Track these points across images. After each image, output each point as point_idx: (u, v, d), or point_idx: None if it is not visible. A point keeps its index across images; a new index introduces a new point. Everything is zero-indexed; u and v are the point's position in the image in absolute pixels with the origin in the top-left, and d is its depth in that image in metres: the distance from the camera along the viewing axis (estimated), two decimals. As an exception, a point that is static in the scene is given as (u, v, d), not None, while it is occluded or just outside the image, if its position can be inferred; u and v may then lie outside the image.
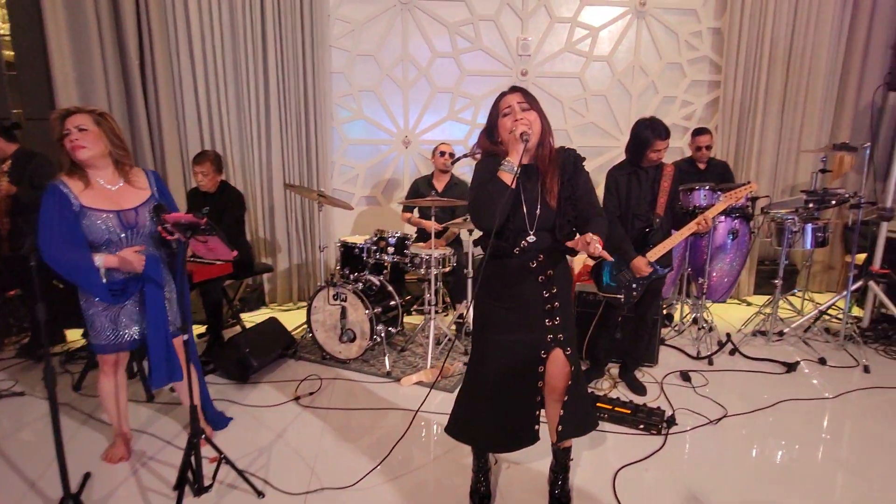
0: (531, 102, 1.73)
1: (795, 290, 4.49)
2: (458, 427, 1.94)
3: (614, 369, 3.16)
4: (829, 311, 3.97)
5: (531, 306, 1.78)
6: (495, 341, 1.81)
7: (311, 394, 2.91)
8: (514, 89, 1.76)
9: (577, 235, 1.70)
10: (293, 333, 3.55)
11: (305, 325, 3.47)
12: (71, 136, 1.88)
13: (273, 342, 3.29)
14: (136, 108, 3.96)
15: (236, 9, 4.02)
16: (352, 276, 3.45)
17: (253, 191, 4.32)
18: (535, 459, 2.24)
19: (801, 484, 2.17)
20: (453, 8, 4.47)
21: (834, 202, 3.54)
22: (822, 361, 3.38)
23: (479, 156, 1.88)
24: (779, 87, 4.64)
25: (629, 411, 2.63)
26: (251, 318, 4.06)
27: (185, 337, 1.91)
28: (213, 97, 4.14)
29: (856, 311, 4.07)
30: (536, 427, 1.84)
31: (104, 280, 1.93)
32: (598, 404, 2.70)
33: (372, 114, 4.58)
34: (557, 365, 1.79)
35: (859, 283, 3.72)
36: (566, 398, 1.81)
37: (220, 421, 2.54)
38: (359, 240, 3.58)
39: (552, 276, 1.77)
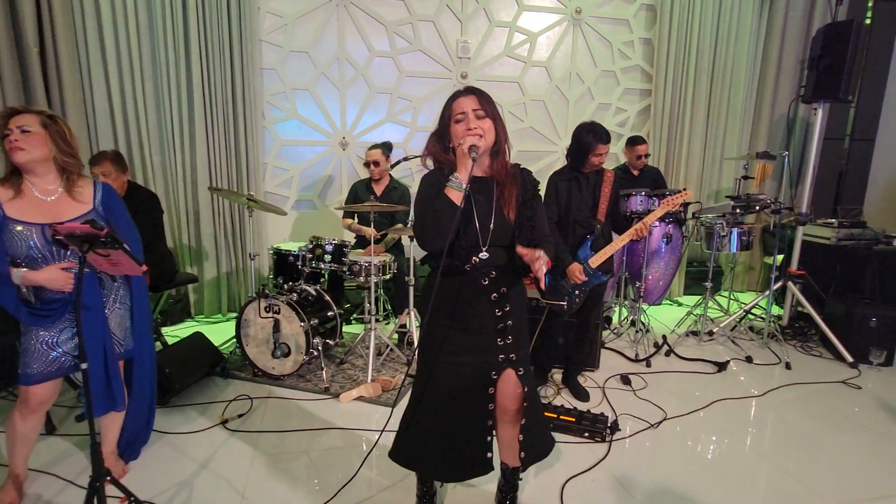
0: (487, 109, 1.60)
1: (722, 291, 4.73)
2: (402, 453, 1.80)
3: (557, 375, 3.16)
4: (753, 311, 4.19)
5: (483, 326, 1.67)
6: (444, 362, 1.69)
7: (240, 416, 2.68)
8: (469, 91, 1.62)
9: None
10: (221, 349, 3.29)
11: (235, 340, 3.22)
12: (11, 136, 1.71)
13: (198, 360, 3.02)
14: (35, 102, 3.53)
15: (153, -4, 3.70)
16: (286, 286, 3.24)
17: (175, 194, 3.99)
18: (486, 480, 2.15)
19: (732, 479, 2.23)
20: (391, 7, 4.34)
21: (758, 207, 3.73)
22: (749, 360, 3.55)
23: (428, 162, 1.74)
24: (704, 97, 4.87)
25: (574, 419, 2.61)
26: (175, 333, 3.73)
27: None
28: (129, 91, 3.78)
29: (775, 310, 4.32)
30: (489, 455, 1.71)
31: (32, 299, 1.77)
32: (545, 413, 2.66)
33: (307, 113, 4.36)
34: (509, 386, 1.69)
35: (779, 284, 3.95)
36: (524, 422, 1.72)
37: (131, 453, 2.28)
38: (293, 247, 3.37)
39: (505, 294, 1.67)
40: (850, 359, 3.50)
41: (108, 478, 1.70)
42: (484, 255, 1.63)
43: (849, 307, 3.60)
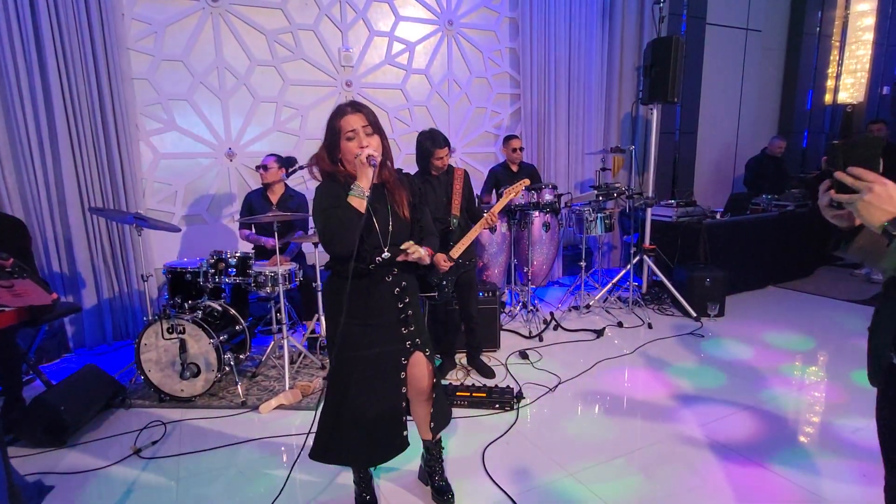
0: (374, 126, 1.76)
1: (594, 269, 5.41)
2: (325, 450, 1.91)
3: (463, 358, 3.45)
4: (619, 283, 4.88)
5: (388, 318, 1.85)
6: (355, 358, 1.83)
7: (154, 442, 2.58)
8: (355, 109, 1.76)
9: None
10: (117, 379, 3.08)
11: (131, 368, 3.04)
12: None
13: (94, 393, 2.81)
14: None
15: (-8, -2, 3.30)
16: (187, 305, 3.13)
17: (39, 219, 3.58)
18: (407, 461, 2.31)
19: (618, 423, 2.70)
20: (270, 15, 4.31)
21: (616, 194, 4.36)
22: (620, 325, 4.17)
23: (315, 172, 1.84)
24: (564, 100, 5.51)
25: (484, 394, 2.92)
26: (56, 371, 3.38)
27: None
28: (-33, 106, 3.34)
29: (636, 280, 5.07)
30: (405, 433, 1.90)
31: None
32: (458, 393, 2.93)
33: (187, 125, 4.16)
34: (420, 367, 1.91)
35: (637, 258, 4.66)
36: (434, 395, 1.96)
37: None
38: (190, 264, 3.26)
39: (405, 287, 1.88)
40: (693, 314, 4.27)
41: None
42: (386, 254, 1.80)
43: (689, 272, 4.38)
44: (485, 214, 2.91)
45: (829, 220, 1.11)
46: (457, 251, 2.88)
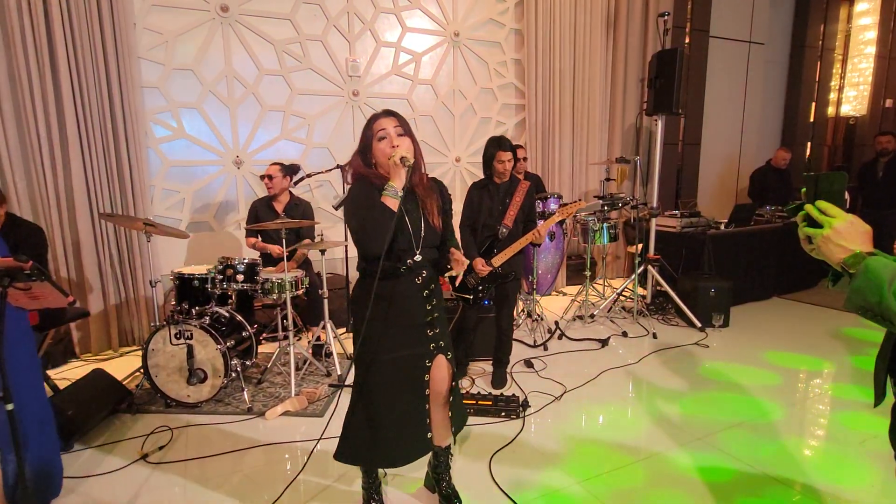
0: (405, 128, 1.82)
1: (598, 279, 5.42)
2: (350, 451, 1.93)
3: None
4: (623, 293, 4.89)
5: (415, 320, 1.87)
6: (382, 360, 1.85)
7: (161, 448, 2.58)
8: (388, 113, 1.83)
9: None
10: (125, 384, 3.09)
11: (138, 374, 3.05)
12: None
13: (101, 398, 2.82)
14: None
15: (7, 6, 3.35)
16: (194, 311, 3.14)
17: (49, 223, 3.61)
18: (413, 468, 2.28)
19: (622, 431, 2.69)
20: (278, 25, 4.37)
21: (621, 204, 4.38)
22: (625, 334, 4.17)
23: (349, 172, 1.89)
24: (569, 110, 5.56)
25: (490, 402, 2.92)
26: (63, 376, 3.40)
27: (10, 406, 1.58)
28: (-19, 112, 3.38)
29: (640, 291, 5.07)
30: (429, 435, 1.92)
31: None
32: (464, 401, 2.93)
33: (196, 132, 4.21)
34: (441, 369, 1.92)
35: (641, 268, 4.66)
36: (451, 399, 1.97)
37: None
38: (196, 270, 3.28)
39: (434, 290, 1.91)
40: (698, 324, 4.26)
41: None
42: (418, 257, 1.84)
43: (693, 282, 4.39)
44: (535, 229, 2.98)
45: (809, 253, 1.06)
46: (499, 260, 2.94)
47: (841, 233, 0.96)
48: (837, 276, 1.03)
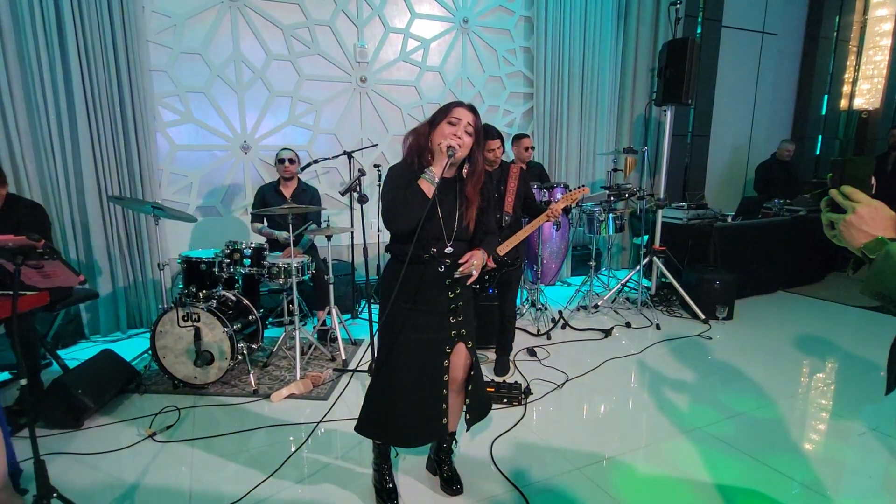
0: (476, 128, 1.80)
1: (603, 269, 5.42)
2: (369, 425, 1.99)
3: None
4: (628, 284, 4.88)
5: (439, 307, 1.90)
6: (404, 341, 1.89)
7: (168, 427, 2.63)
8: (471, 108, 1.82)
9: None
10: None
11: (146, 355, 3.09)
12: None
13: (110, 377, 2.87)
14: None
15: (17, -11, 3.36)
16: (201, 294, 3.18)
17: (59, 205, 3.65)
18: (415, 450, 2.35)
19: (623, 421, 2.71)
20: (287, 10, 4.36)
21: (628, 195, 4.37)
22: (628, 325, 4.18)
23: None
24: (577, 100, 5.52)
25: (493, 389, 2.94)
26: (72, 356, 3.45)
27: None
28: (-8, 94, 3.40)
29: (645, 282, 5.07)
30: (445, 420, 1.95)
31: None
32: (467, 387, 2.96)
33: (204, 117, 4.22)
34: (460, 357, 1.95)
35: (646, 260, 4.66)
36: (470, 387, 1.99)
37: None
38: (205, 254, 3.31)
39: (458, 279, 1.91)
40: (702, 316, 4.27)
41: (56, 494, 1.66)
42: (449, 249, 1.86)
43: (699, 274, 4.38)
44: (546, 210, 2.93)
45: (831, 239, 1.04)
46: (505, 248, 2.93)
47: (864, 217, 0.94)
48: (859, 264, 1.02)
